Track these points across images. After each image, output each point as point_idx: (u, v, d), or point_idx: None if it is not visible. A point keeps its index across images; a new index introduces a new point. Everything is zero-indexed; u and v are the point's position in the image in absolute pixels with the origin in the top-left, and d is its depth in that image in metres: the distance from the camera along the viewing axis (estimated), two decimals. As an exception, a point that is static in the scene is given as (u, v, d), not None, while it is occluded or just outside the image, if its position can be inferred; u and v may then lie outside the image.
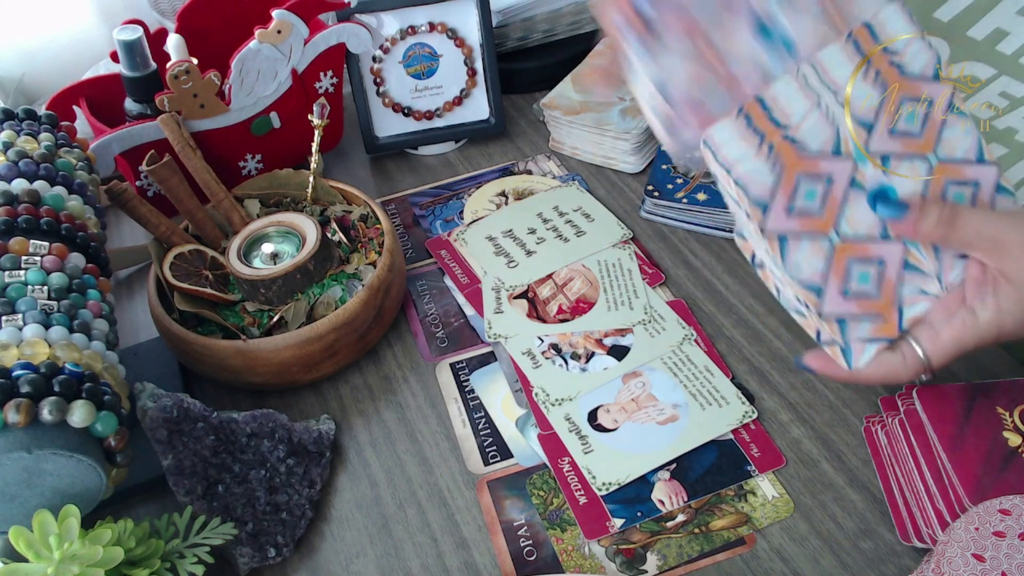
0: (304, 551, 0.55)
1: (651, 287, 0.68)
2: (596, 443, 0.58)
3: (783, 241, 0.45)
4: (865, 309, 0.47)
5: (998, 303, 0.45)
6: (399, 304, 0.68)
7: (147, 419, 0.52)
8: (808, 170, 0.45)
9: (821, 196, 0.46)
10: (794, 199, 0.45)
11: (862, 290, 0.47)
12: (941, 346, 0.46)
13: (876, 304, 0.47)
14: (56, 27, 0.89)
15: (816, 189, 0.45)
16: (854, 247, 0.47)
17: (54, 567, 0.43)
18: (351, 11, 0.77)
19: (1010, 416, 0.51)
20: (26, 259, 0.51)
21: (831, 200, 0.46)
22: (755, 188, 0.45)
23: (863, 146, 0.46)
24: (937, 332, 0.46)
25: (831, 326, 0.46)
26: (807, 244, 0.46)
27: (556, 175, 0.82)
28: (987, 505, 0.46)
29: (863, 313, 0.47)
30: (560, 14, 0.91)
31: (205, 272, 0.64)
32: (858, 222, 0.47)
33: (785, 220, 0.45)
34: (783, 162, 0.45)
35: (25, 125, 0.61)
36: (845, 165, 0.46)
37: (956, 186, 0.48)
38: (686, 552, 0.52)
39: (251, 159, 0.78)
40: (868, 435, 0.57)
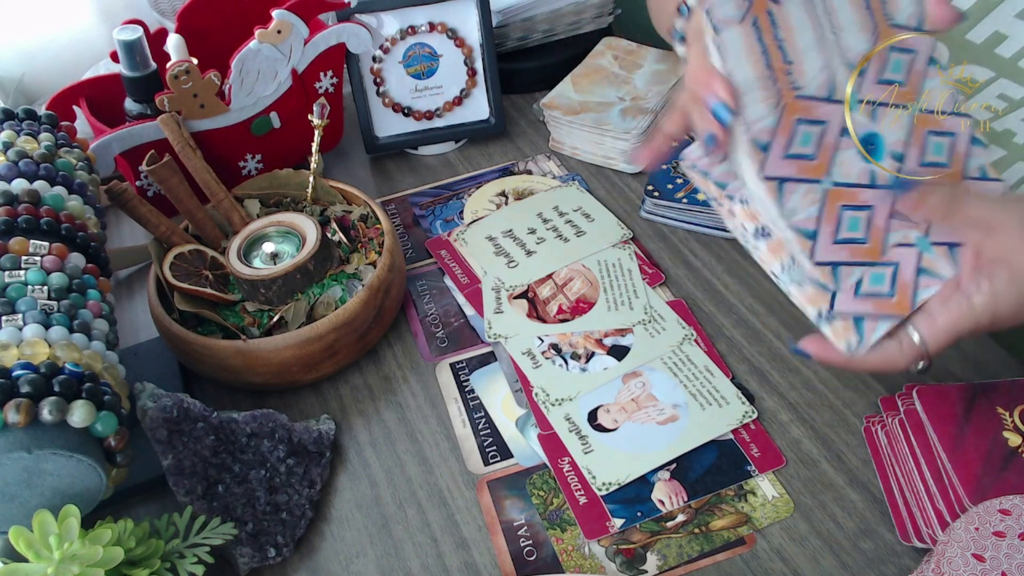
0: (304, 551, 0.55)
1: (651, 287, 0.68)
2: (596, 443, 0.58)
3: (781, 185, 0.45)
4: (855, 255, 0.47)
5: (993, 286, 0.45)
6: (399, 304, 0.68)
7: (147, 419, 0.52)
8: (804, 114, 0.45)
9: (816, 140, 0.46)
10: (792, 143, 0.45)
11: (852, 236, 0.47)
12: (937, 331, 0.46)
13: (865, 250, 0.48)
14: (56, 27, 0.89)
15: (812, 133, 0.46)
16: (845, 193, 0.47)
17: (54, 567, 0.43)
18: (351, 11, 0.77)
19: (1010, 416, 0.51)
20: (26, 259, 0.51)
21: (824, 145, 0.46)
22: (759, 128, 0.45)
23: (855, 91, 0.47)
24: (934, 318, 0.47)
25: (823, 272, 0.47)
26: (802, 189, 0.46)
27: (556, 175, 0.82)
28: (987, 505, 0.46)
29: (853, 259, 0.47)
30: (560, 14, 0.91)
31: (205, 272, 0.64)
32: (849, 168, 0.47)
33: (783, 165, 0.45)
34: (784, 104, 0.45)
35: (25, 125, 0.61)
36: (838, 110, 0.46)
37: (935, 136, 0.49)
38: (686, 552, 0.52)
39: (251, 159, 0.78)
40: (868, 435, 0.57)
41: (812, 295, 0.48)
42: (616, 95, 0.82)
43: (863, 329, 0.47)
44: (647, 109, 0.80)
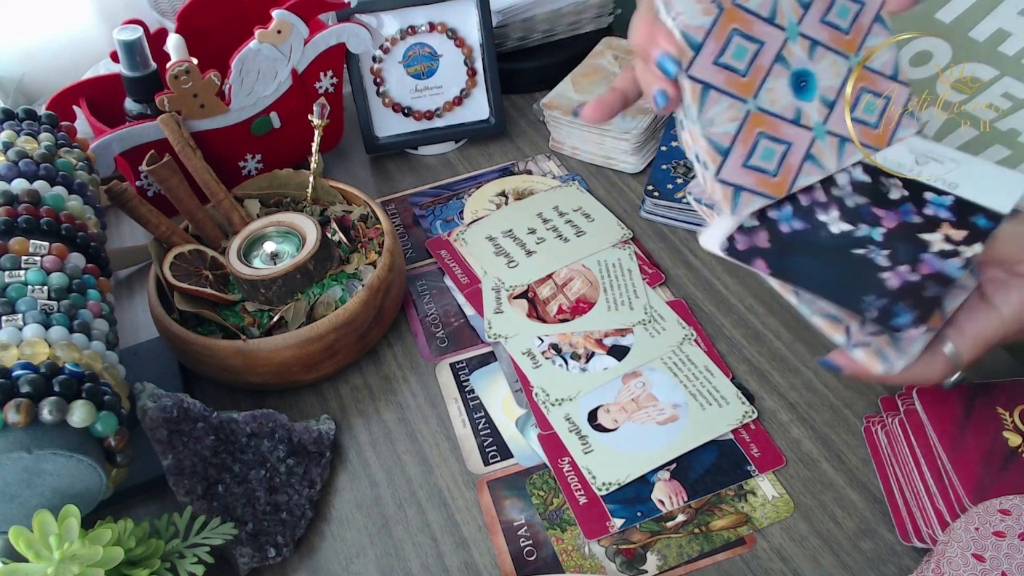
0: (304, 551, 0.55)
1: (651, 287, 0.68)
2: (596, 443, 0.58)
3: (705, 91, 0.45)
4: (760, 185, 0.47)
5: (1021, 297, 0.45)
6: (399, 304, 0.68)
7: (147, 419, 0.52)
8: (742, 26, 0.45)
9: (750, 57, 0.45)
10: (724, 51, 0.45)
11: (762, 165, 0.47)
12: (968, 343, 0.46)
13: (771, 182, 0.47)
14: (56, 27, 0.89)
15: (747, 48, 0.45)
16: (767, 120, 0.46)
17: (54, 567, 0.43)
18: (351, 11, 0.77)
19: (1010, 416, 0.51)
20: (26, 259, 0.51)
21: (757, 65, 0.46)
22: (692, 26, 0.44)
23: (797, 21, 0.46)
24: (962, 329, 0.46)
25: (725, 192, 0.46)
26: (725, 102, 0.45)
27: (556, 175, 0.82)
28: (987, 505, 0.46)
29: (756, 188, 0.47)
30: (560, 14, 0.91)
31: (205, 272, 0.64)
32: (776, 98, 0.46)
33: (711, 70, 0.45)
34: (724, 7, 0.45)
35: (25, 125, 0.61)
36: (777, 34, 0.46)
37: (869, 95, 0.48)
38: (686, 552, 0.52)
39: (251, 159, 0.78)
40: (868, 435, 0.57)
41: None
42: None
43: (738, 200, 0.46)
44: (647, 109, 0.80)
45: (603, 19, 0.94)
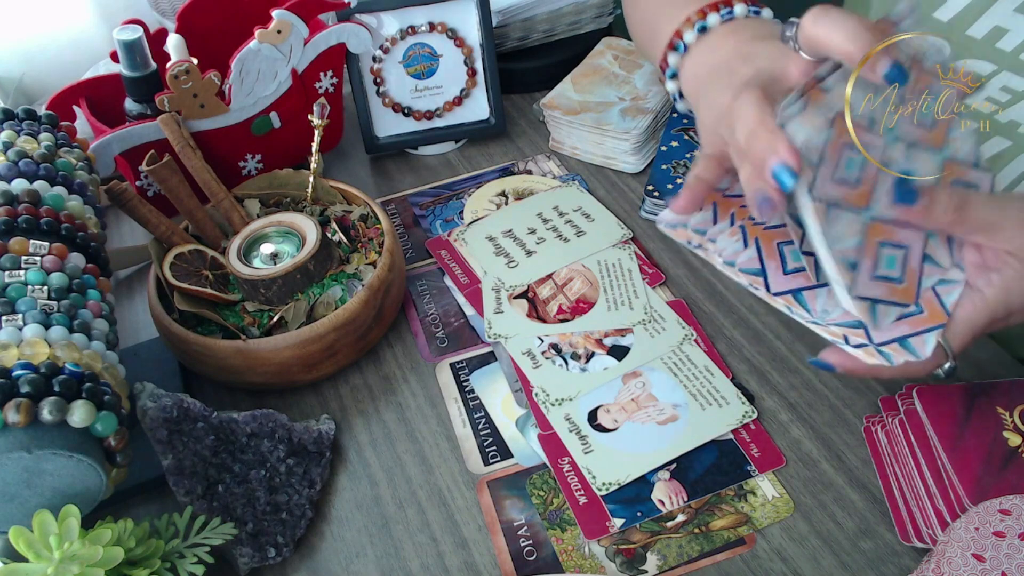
0: (304, 551, 0.55)
1: (651, 287, 0.68)
2: (596, 443, 0.58)
3: (829, 208, 0.45)
4: (893, 294, 0.47)
5: (1003, 279, 0.45)
6: (399, 304, 0.68)
7: (147, 419, 0.52)
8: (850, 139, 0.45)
9: (860, 167, 0.46)
10: (839, 167, 0.45)
11: (889, 274, 0.47)
12: (955, 330, 0.46)
13: (901, 290, 0.47)
14: (56, 27, 0.89)
15: (856, 159, 0.45)
16: (884, 229, 0.47)
17: (54, 567, 0.43)
18: (351, 11, 0.77)
19: (1010, 416, 0.51)
20: (26, 259, 0.51)
21: (867, 174, 0.46)
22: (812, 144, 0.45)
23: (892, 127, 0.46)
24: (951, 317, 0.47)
25: (861, 307, 0.46)
26: (846, 216, 0.45)
27: (556, 175, 0.82)
28: (987, 505, 0.46)
29: (890, 298, 0.47)
30: (560, 14, 0.91)
31: (205, 272, 0.64)
32: (887, 204, 0.47)
33: (831, 187, 0.45)
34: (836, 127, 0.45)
35: (25, 125, 0.61)
36: (879, 141, 0.46)
37: (960, 186, 0.48)
38: (686, 552, 0.52)
39: (251, 159, 0.78)
40: (868, 435, 0.57)
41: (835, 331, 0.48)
42: (616, 95, 0.82)
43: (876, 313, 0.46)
44: (647, 109, 0.80)
45: (603, 19, 0.94)
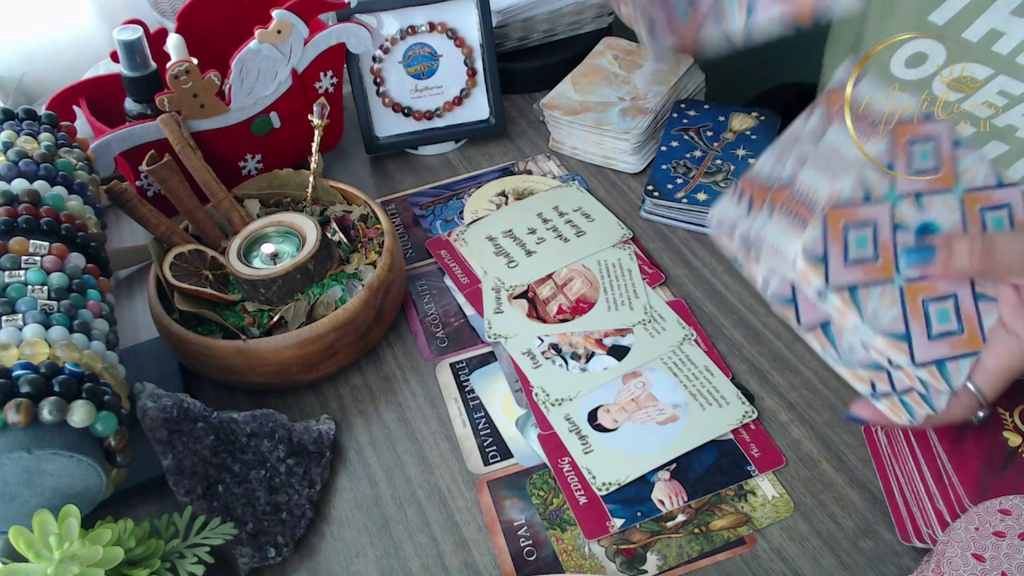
0: (304, 551, 0.55)
1: (651, 287, 0.68)
2: (596, 443, 0.58)
3: (854, 292, 0.44)
4: (956, 347, 0.45)
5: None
6: (399, 304, 0.68)
7: (147, 419, 0.52)
8: (850, 219, 0.45)
9: (872, 241, 0.45)
10: (847, 249, 0.44)
11: (947, 328, 0.45)
12: (990, 377, 0.45)
13: (963, 340, 0.45)
14: (56, 27, 0.89)
15: (865, 235, 0.45)
16: (922, 287, 0.45)
17: (54, 567, 0.43)
18: (351, 11, 0.77)
19: (1010, 416, 0.51)
20: (26, 259, 0.51)
21: (882, 244, 0.45)
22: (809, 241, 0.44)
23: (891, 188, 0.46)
24: (983, 364, 0.45)
25: (931, 372, 0.45)
26: (877, 291, 0.44)
27: (556, 175, 0.82)
28: (987, 505, 0.46)
29: (955, 352, 0.45)
30: (560, 14, 0.91)
31: (205, 272, 0.64)
32: (917, 269, 0.46)
33: (846, 271, 0.44)
34: (827, 216, 0.44)
35: (25, 125, 0.61)
36: (882, 208, 0.46)
37: (991, 211, 0.47)
38: (686, 552, 0.52)
39: (251, 159, 0.78)
40: (868, 435, 0.57)
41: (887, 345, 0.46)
42: (616, 95, 0.82)
43: (945, 371, 0.45)
44: (647, 109, 0.80)
45: (603, 19, 0.94)
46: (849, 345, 0.46)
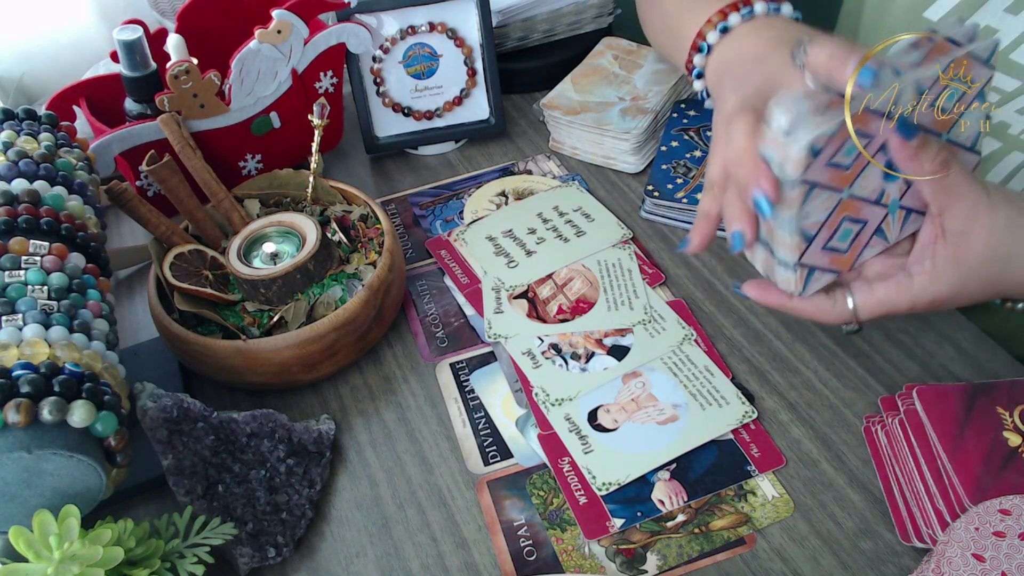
0: (304, 551, 0.55)
1: (651, 287, 0.68)
2: (596, 443, 0.58)
3: (810, 191, 0.45)
4: (832, 263, 0.49)
5: (935, 265, 0.46)
6: (399, 304, 0.68)
7: (147, 419, 0.52)
8: (861, 126, 0.45)
9: (855, 154, 0.46)
10: (837, 152, 0.45)
11: (838, 245, 0.49)
12: (871, 303, 0.48)
13: (841, 259, 0.49)
14: (56, 27, 0.89)
15: (854, 147, 0.46)
16: (853, 204, 0.48)
17: (54, 567, 0.43)
18: (351, 11, 0.77)
19: (1010, 416, 0.51)
20: (26, 259, 0.51)
21: (860, 160, 0.46)
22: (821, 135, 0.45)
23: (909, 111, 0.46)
24: (871, 289, 0.49)
25: (800, 274, 0.48)
26: (824, 195, 0.46)
27: (556, 175, 0.82)
28: (987, 505, 0.46)
29: (829, 266, 0.49)
30: (560, 14, 0.91)
31: (205, 272, 0.64)
32: (867, 184, 0.47)
33: (821, 170, 0.45)
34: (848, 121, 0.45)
35: (25, 125, 0.61)
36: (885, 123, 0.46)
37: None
38: (686, 552, 0.52)
39: (251, 159, 0.78)
40: (868, 435, 0.57)
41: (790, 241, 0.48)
42: (616, 95, 0.82)
43: (810, 280, 0.49)
44: (647, 109, 0.80)
45: (603, 19, 0.94)
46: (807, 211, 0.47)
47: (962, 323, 0.63)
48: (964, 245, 0.46)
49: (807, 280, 0.49)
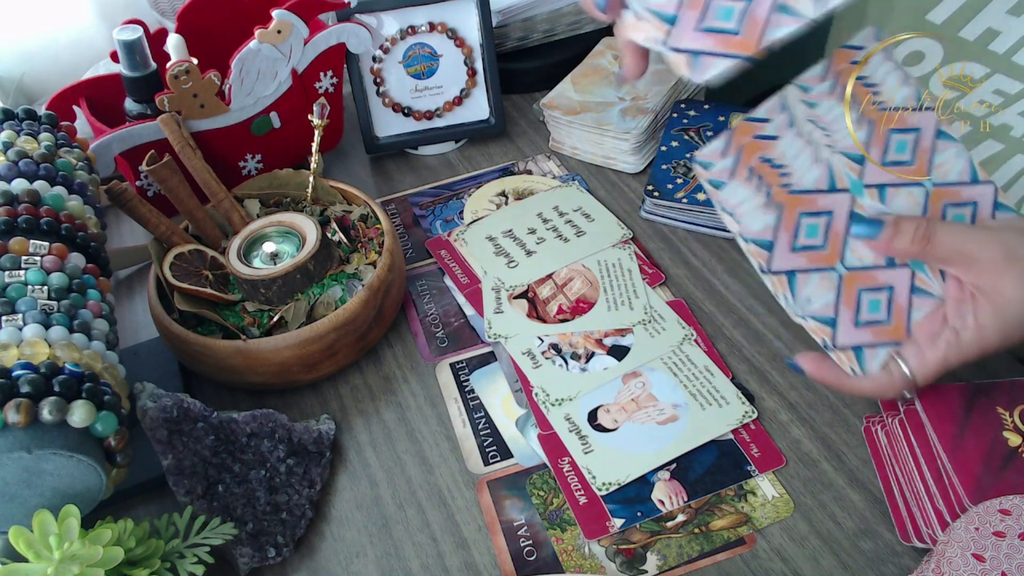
0: (304, 551, 0.55)
1: (651, 287, 0.68)
2: (596, 443, 0.58)
3: (791, 277, 0.46)
4: (879, 336, 0.48)
5: (977, 320, 0.46)
6: (399, 304, 0.68)
7: (147, 419, 0.52)
8: (807, 207, 0.46)
9: (823, 230, 0.46)
10: (796, 236, 0.46)
11: (873, 318, 0.47)
12: (926, 366, 0.47)
13: (888, 330, 0.48)
14: (56, 27, 0.89)
15: (818, 224, 0.46)
16: (862, 276, 0.47)
17: (54, 567, 0.43)
18: (351, 11, 0.77)
19: (1010, 416, 0.51)
20: (26, 259, 0.51)
21: (834, 233, 0.46)
22: (760, 233, 0.45)
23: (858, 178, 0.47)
24: (923, 352, 0.48)
25: (847, 355, 0.47)
26: (816, 277, 0.46)
27: (556, 175, 0.82)
28: (987, 505, 0.46)
29: (877, 340, 0.48)
30: (560, 14, 0.91)
31: (205, 272, 0.64)
32: (864, 252, 0.47)
33: (789, 257, 0.46)
34: (783, 202, 0.45)
35: (25, 125, 0.61)
36: (843, 198, 0.47)
37: (954, 208, 0.48)
38: (686, 552, 0.52)
39: (251, 159, 0.78)
40: (868, 435, 0.57)
41: (815, 327, 0.48)
42: (616, 95, 0.82)
43: (863, 358, 0.48)
44: (647, 109, 0.80)
45: (603, 19, 0.94)
46: (807, 296, 0.48)
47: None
48: (1000, 298, 0.45)
49: (859, 359, 0.48)
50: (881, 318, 0.48)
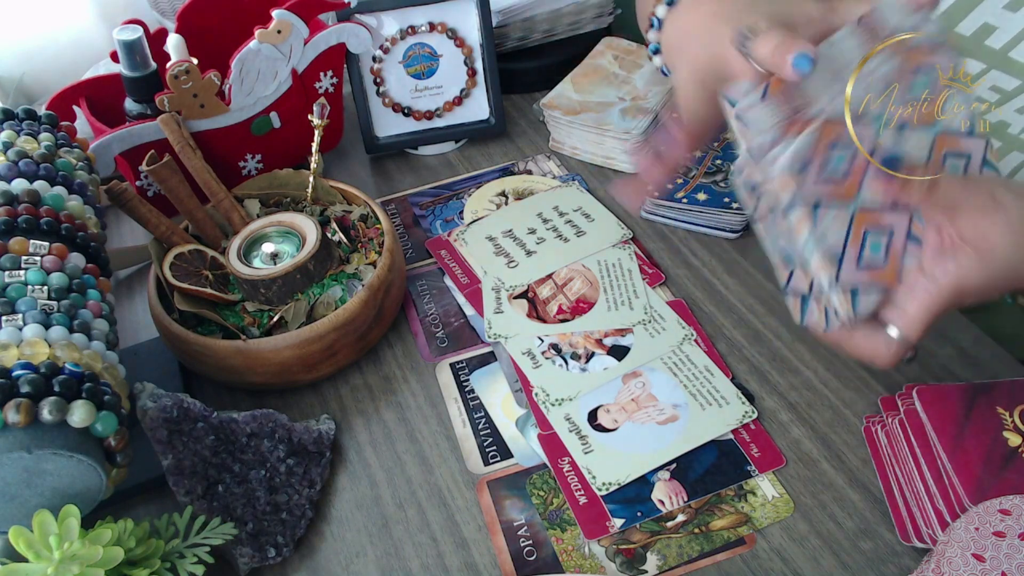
0: (304, 551, 0.55)
1: (651, 287, 0.68)
2: (596, 443, 0.58)
3: (815, 209, 0.45)
4: (875, 279, 0.47)
5: (958, 267, 0.46)
6: (399, 304, 0.68)
7: (147, 419, 0.52)
8: (838, 137, 0.45)
9: (849, 161, 0.46)
10: (826, 165, 0.45)
11: (874, 260, 0.47)
12: (911, 320, 0.47)
13: (883, 274, 0.47)
14: (56, 27, 0.89)
15: (845, 155, 0.45)
16: (869, 215, 0.47)
17: (54, 567, 0.43)
18: (351, 11, 0.77)
19: (1010, 416, 0.51)
20: (26, 259, 0.51)
21: (856, 166, 0.46)
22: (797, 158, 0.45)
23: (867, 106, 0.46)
24: (904, 308, 0.47)
25: (845, 296, 0.47)
26: (832, 212, 0.46)
27: (556, 175, 0.82)
28: (987, 505, 0.46)
29: (872, 283, 0.47)
30: (560, 14, 0.91)
31: (205, 272, 0.64)
32: (876, 190, 0.47)
33: (816, 185, 0.45)
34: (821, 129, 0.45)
35: (25, 125, 0.61)
36: (869, 131, 0.46)
37: (953, 158, 0.48)
38: (686, 552, 0.52)
39: (251, 159, 0.78)
40: (868, 435, 0.57)
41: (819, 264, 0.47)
42: (616, 95, 0.82)
43: (858, 301, 0.47)
44: (647, 109, 0.80)
45: (603, 19, 0.94)
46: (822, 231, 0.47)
47: (963, 323, 0.63)
48: (985, 243, 0.45)
49: (854, 302, 0.47)
50: (879, 261, 0.48)
